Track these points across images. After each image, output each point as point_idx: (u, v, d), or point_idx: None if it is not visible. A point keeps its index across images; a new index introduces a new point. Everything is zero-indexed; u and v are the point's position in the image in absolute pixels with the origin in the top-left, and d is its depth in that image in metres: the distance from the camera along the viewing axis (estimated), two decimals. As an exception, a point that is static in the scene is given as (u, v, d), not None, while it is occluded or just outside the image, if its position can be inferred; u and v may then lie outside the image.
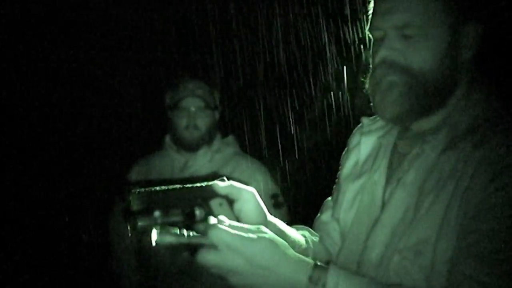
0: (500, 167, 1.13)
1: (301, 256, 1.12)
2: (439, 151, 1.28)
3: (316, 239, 1.55)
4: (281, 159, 3.67)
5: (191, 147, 2.89)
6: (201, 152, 2.90)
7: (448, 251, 1.17)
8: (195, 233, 1.12)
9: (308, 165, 3.83)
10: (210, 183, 1.26)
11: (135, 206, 1.14)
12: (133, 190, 1.15)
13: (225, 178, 1.29)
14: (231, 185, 1.26)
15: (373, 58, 1.35)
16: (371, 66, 1.39)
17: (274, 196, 2.87)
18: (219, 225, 1.07)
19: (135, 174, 2.98)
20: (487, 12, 1.30)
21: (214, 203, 1.25)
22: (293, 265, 1.09)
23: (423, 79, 1.27)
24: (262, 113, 3.88)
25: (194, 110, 2.83)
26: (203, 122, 2.86)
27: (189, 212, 1.21)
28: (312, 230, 1.58)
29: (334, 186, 1.67)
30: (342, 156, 1.67)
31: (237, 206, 1.27)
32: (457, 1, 1.27)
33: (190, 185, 1.23)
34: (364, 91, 1.41)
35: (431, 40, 1.26)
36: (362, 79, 1.42)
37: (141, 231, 1.15)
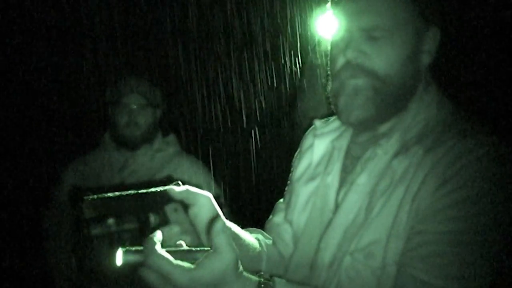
0: (449, 173, 1.16)
1: (246, 275, 1.07)
2: (391, 155, 1.30)
3: (269, 241, 1.54)
4: (224, 160, 3.65)
5: (131, 146, 2.81)
6: (141, 150, 2.83)
7: (398, 253, 1.19)
8: None
9: (251, 166, 3.83)
10: (165, 188, 1.22)
11: (88, 214, 1.09)
12: (85, 197, 1.10)
13: (180, 182, 1.26)
14: (187, 190, 1.23)
15: (336, 60, 1.34)
16: (330, 68, 1.38)
17: (215, 197, 2.85)
18: (156, 250, 1.00)
19: (71, 174, 2.86)
20: (445, 19, 1.33)
21: (169, 209, 1.22)
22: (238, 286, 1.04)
23: (389, 83, 1.28)
24: (204, 112, 3.83)
25: (135, 107, 2.76)
26: (144, 120, 2.80)
27: (143, 219, 1.17)
28: (265, 233, 1.57)
29: (286, 188, 1.66)
30: (294, 157, 1.67)
31: (192, 211, 1.24)
32: (421, 6, 1.29)
33: (144, 191, 1.19)
34: (326, 93, 1.41)
35: (397, 44, 1.27)
36: (324, 81, 1.42)
37: (95, 239, 1.10)
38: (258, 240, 1.49)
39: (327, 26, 1.46)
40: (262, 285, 1.06)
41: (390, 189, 1.24)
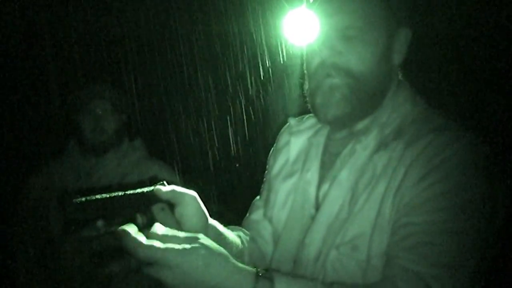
0: (431, 165, 1.20)
1: (242, 265, 1.08)
2: (370, 150, 1.34)
3: (249, 238, 1.56)
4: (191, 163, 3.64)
5: (98, 152, 2.77)
6: (108, 156, 2.80)
7: (383, 246, 1.23)
8: None
9: (224, 166, 3.83)
10: (151, 188, 1.22)
11: (77, 216, 1.09)
12: (73, 200, 1.09)
13: (165, 182, 1.27)
14: (173, 190, 1.24)
15: (311, 59, 1.38)
16: (306, 68, 1.42)
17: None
18: (145, 242, 1.00)
19: (36, 180, 2.79)
20: (415, 19, 1.39)
21: (156, 209, 1.22)
22: (234, 276, 1.04)
23: (364, 81, 1.33)
24: (172, 115, 3.81)
25: (100, 113, 2.73)
26: (110, 125, 2.77)
27: (131, 219, 1.18)
28: (245, 231, 1.59)
29: (262, 186, 1.69)
30: (269, 156, 1.70)
31: (178, 210, 1.24)
32: (392, 7, 1.34)
33: (131, 192, 1.19)
34: (303, 93, 1.45)
35: (370, 43, 1.32)
36: (298, 81, 1.46)
37: (84, 242, 1.10)
38: (240, 237, 1.51)
39: (298, 27, 1.50)
40: (260, 274, 1.06)
41: (372, 183, 1.28)
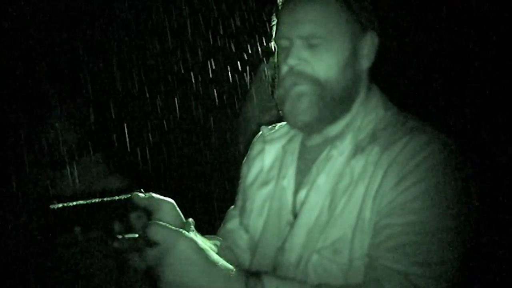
0: (407, 168, 1.23)
1: (228, 264, 1.12)
2: (347, 155, 1.36)
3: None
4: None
5: (58, 165, 2.72)
6: (68, 169, 2.74)
7: (364, 248, 1.25)
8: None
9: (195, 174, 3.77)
10: (129, 195, 1.20)
11: (54, 222, 1.06)
12: (51, 206, 1.06)
13: (142, 190, 1.25)
14: (151, 196, 1.22)
15: (280, 66, 1.40)
16: (277, 75, 1.43)
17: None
18: (157, 222, 1.06)
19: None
20: (381, 24, 1.42)
21: (133, 216, 1.20)
22: (224, 273, 1.09)
23: (330, 87, 1.35)
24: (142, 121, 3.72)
25: (60, 126, 2.69)
26: (70, 138, 2.73)
27: (108, 227, 1.15)
28: (221, 239, 1.58)
29: (237, 195, 1.68)
30: (242, 165, 1.70)
31: (156, 217, 1.22)
32: (356, 13, 1.37)
33: (109, 198, 1.17)
34: (274, 99, 1.46)
35: (335, 50, 1.34)
36: (271, 88, 1.47)
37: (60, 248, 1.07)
38: (216, 246, 1.49)
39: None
40: (250, 278, 1.09)
41: (351, 187, 1.30)
